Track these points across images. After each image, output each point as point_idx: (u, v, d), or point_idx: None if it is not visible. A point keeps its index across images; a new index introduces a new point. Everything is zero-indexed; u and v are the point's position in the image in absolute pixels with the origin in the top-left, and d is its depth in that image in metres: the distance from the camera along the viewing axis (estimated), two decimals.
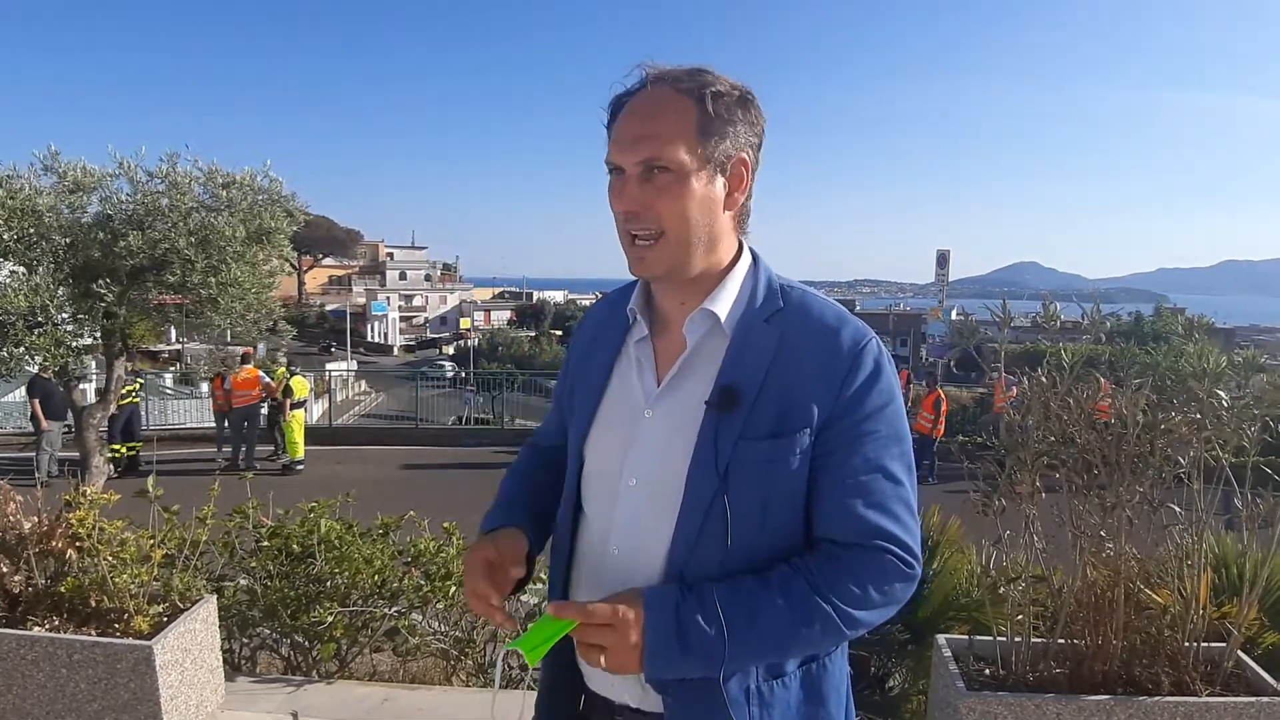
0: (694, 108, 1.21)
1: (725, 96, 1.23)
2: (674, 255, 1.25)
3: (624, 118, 1.24)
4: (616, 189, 1.24)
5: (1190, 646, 2.50)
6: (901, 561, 1.22)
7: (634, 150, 1.21)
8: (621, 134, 1.23)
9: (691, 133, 1.21)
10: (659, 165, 1.21)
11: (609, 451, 1.34)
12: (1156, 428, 2.44)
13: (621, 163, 1.23)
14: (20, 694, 3.06)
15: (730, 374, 1.25)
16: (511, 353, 43.30)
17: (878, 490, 1.23)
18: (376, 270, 78.28)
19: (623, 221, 1.25)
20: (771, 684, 1.26)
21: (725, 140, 1.23)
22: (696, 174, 1.22)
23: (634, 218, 1.23)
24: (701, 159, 1.22)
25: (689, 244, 1.25)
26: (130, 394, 13.13)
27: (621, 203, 1.23)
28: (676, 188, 1.21)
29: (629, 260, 1.28)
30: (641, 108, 1.23)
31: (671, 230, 1.23)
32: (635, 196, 1.22)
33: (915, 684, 3.62)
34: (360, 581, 3.94)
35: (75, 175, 8.02)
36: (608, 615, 1.16)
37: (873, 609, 1.22)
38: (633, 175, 1.22)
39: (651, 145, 1.20)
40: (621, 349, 1.40)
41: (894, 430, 1.26)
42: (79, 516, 3.26)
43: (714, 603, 1.18)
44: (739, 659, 1.19)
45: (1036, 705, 2.44)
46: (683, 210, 1.22)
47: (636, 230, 1.24)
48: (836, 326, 1.26)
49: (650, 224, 1.23)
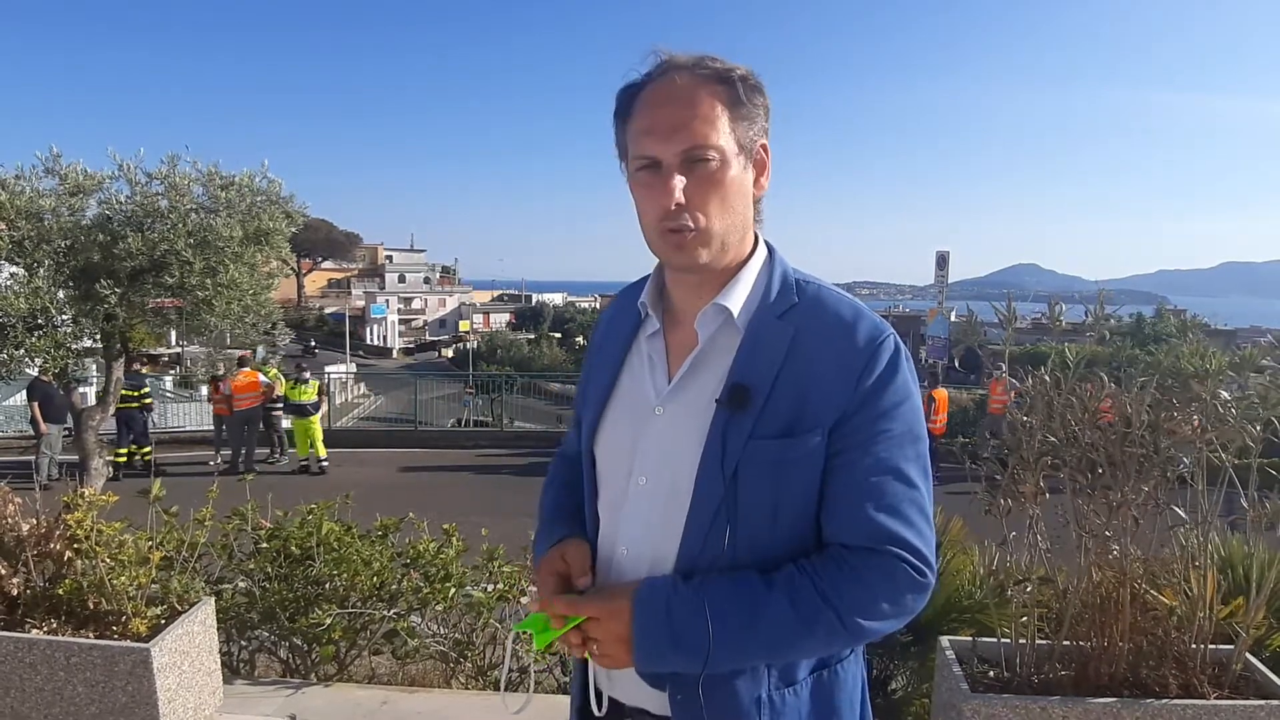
0: (726, 93, 1.17)
1: (750, 81, 1.19)
2: (715, 246, 1.21)
3: (654, 107, 1.18)
4: (654, 182, 1.17)
5: (1197, 648, 2.49)
6: (914, 569, 1.17)
7: (674, 140, 1.16)
8: (655, 124, 1.17)
9: (727, 119, 1.17)
10: (700, 155, 1.16)
11: (619, 449, 1.31)
12: (1160, 427, 2.43)
13: (660, 154, 1.16)
14: (18, 697, 3.04)
15: (742, 371, 1.21)
16: (511, 355, 43.28)
17: (890, 492, 1.18)
18: (375, 273, 78.29)
19: (661, 216, 1.18)
20: (783, 692, 1.23)
21: (754, 126, 1.20)
22: (733, 162, 1.18)
23: (679, 212, 1.17)
24: (735, 147, 1.18)
25: (728, 234, 1.21)
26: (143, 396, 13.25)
27: (665, 197, 1.16)
28: (721, 177, 1.17)
29: (667, 253, 1.22)
30: (672, 96, 1.17)
31: (715, 221, 1.19)
32: (680, 189, 1.16)
33: (918, 687, 3.60)
34: (359, 583, 3.92)
35: (76, 178, 8.02)
36: (594, 610, 1.16)
37: (881, 619, 1.18)
38: (673, 166, 1.16)
39: (691, 134, 1.15)
40: (633, 344, 1.36)
41: (910, 429, 1.21)
42: (77, 518, 3.24)
43: (712, 597, 1.15)
44: (734, 658, 1.16)
45: (1042, 708, 2.41)
46: (726, 199, 1.18)
47: (678, 225, 1.18)
48: (852, 321, 1.21)
49: (696, 215, 1.17)
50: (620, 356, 1.36)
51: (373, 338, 62.92)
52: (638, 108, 1.20)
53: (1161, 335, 28.29)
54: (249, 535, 4.19)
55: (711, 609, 1.14)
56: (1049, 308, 5.43)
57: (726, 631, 1.14)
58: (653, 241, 1.23)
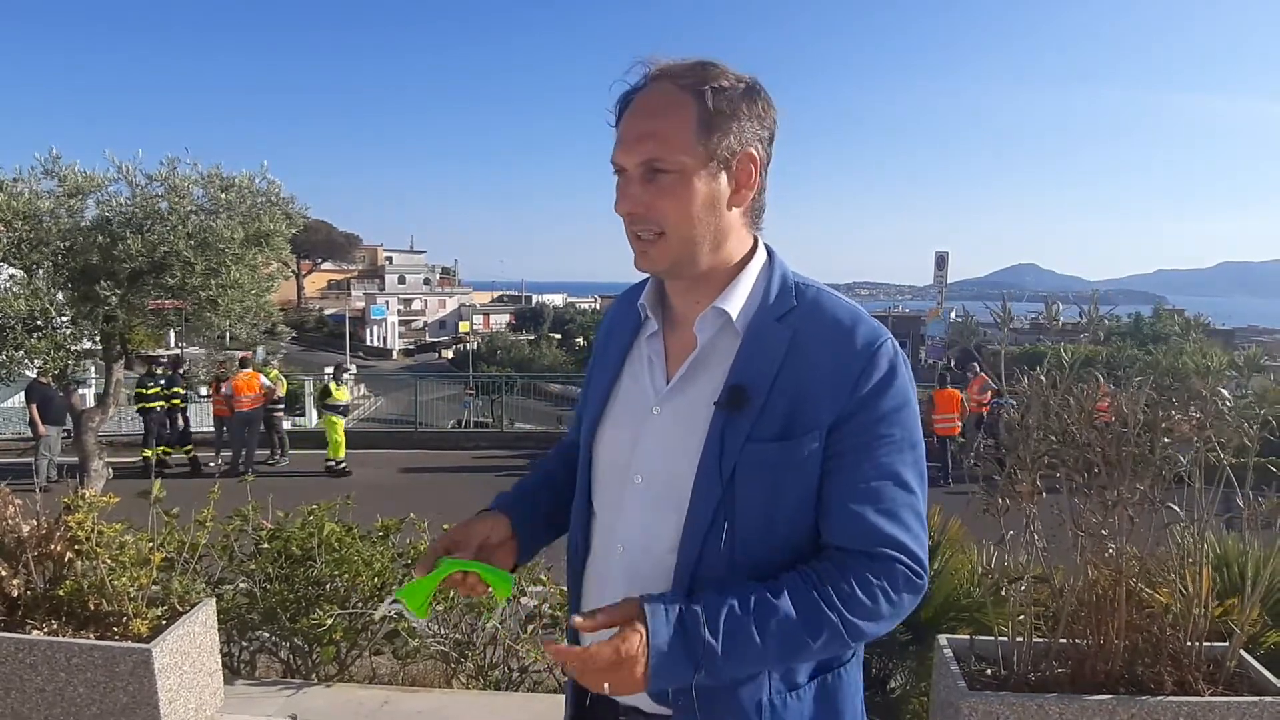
0: (694, 105, 1.19)
1: (728, 91, 1.21)
2: (676, 252, 1.24)
3: (626, 117, 1.23)
4: (620, 189, 1.24)
5: (1193, 646, 2.49)
6: (911, 572, 1.20)
7: (635, 151, 1.21)
8: (623, 134, 1.23)
9: (691, 131, 1.19)
10: (659, 165, 1.20)
11: (618, 448, 1.33)
12: (1158, 426, 2.44)
13: (623, 163, 1.22)
14: (19, 698, 3.05)
15: (740, 374, 1.23)
16: (511, 356, 43.27)
17: (888, 497, 1.20)
18: (375, 274, 78.25)
19: (626, 222, 1.25)
20: (785, 696, 1.24)
21: (729, 136, 1.21)
22: (698, 173, 1.20)
23: (637, 218, 1.22)
24: (703, 157, 1.20)
25: (693, 242, 1.24)
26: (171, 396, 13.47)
27: (624, 204, 1.23)
28: (678, 188, 1.20)
29: (634, 255, 1.27)
30: (642, 107, 1.22)
31: (673, 229, 1.22)
32: (637, 197, 1.21)
33: (916, 685, 3.62)
34: (360, 584, 3.93)
35: (75, 179, 8.04)
36: (611, 658, 1.11)
37: (879, 620, 1.20)
38: (634, 176, 1.21)
39: (651, 146, 1.19)
40: (633, 346, 1.39)
41: (907, 435, 1.23)
42: (78, 520, 3.25)
43: (718, 615, 1.15)
44: (742, 669, 1.18)
45: (1039, 705, 2.42)
46: (685, 210, 1.21)
47: (639, 230, 1.23)
48: (851, 326, 1.23)
49: (653, 224, 1.22)
50: (621, 357, 1.39)
51: (373, 339, 62.90)
52: (621, 116, 1.25)
53: (1160, 335, 28.31)
54: (250, 536, 4.20)
55: (721, 625, 1.14)
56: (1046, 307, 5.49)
57: (736, 646, 1.14)
58: (629, 242, 1.28)
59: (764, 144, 1.26)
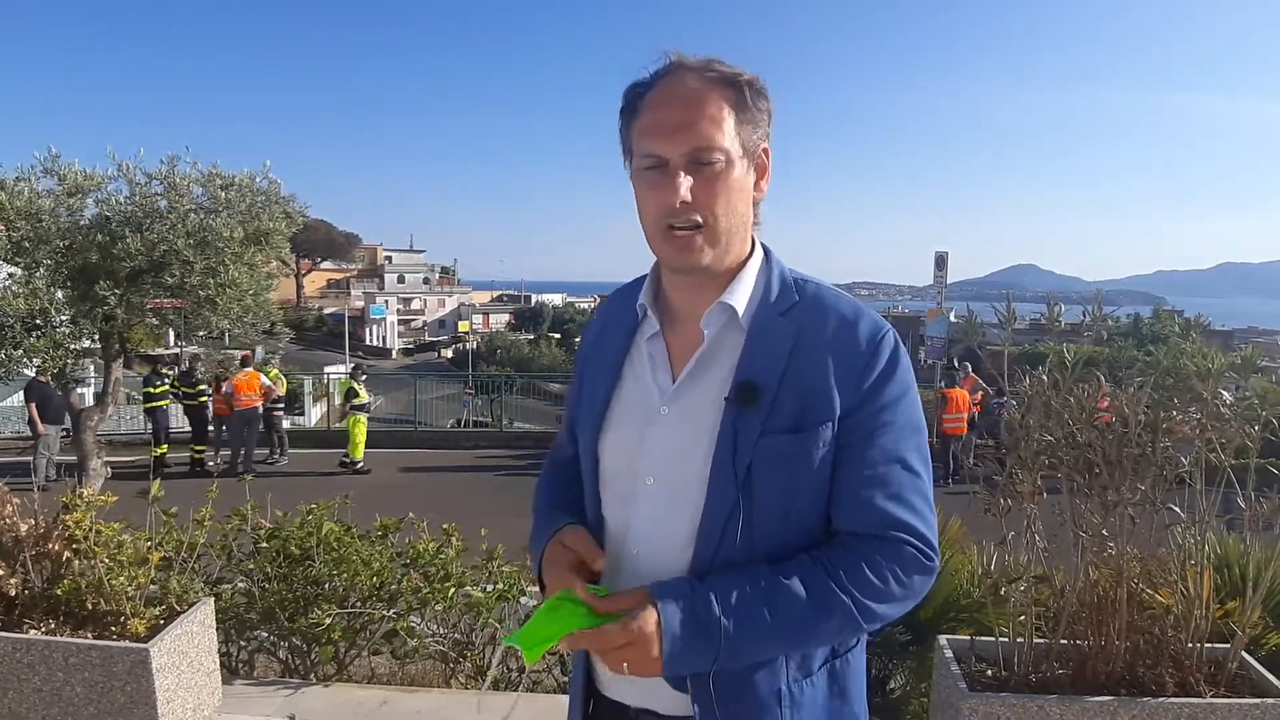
0: (733, 96, 1.19)
1: (754, 85, 1.22)
2: (719, 246, 1.23)
3: (660, 107, 1.20)
4: (659, 181, 1.19)
5: (1194, 647, 2.49)
6: (920, 554, 1.22)
7: (680, 140, 1.17)
8: (661, 123, 1.19)
9: (733, 121, 1.19)
10: (705, 157, 1.17)
11: (625, 451, 1.31)
12: (1158, 427, 2.43)
13: (666, 153, 1.18)
14: (16, 698, 3.04)
15: (749, 369, 1.23)
16: (510, 356, 43.27)
17: (895, 481, 1.22)
18: (375, 274, 78.20)
19: (665, 214, 1.20)
20: (801, 684, 1.26)
21: (757, 130, 1.22)
22: (738, 164, 1.20)
23: (685, 210, 1.18)
24: (740, 149, 1.20)
25: (730, 233, 1.23)
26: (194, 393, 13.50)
27: (670, 195, 1.17)
28: (725, 178, 1.19)
29: (668, 252, 1.23)
30: (679, 97, 1.19)
31: (719, 220, 1.20)
32: (685, 188, 1.17)
33: (917, 686, 3.61)
34: (359, 583, 3.92)
35: (75, 178, 8.03)
36: (624, 636, 1.13)
37: (891, 602, 1.21)
38: (679, 165, 1.18)
39: (697, 135, 1.17)
40: (631, 346, 1.36)
41: (911, 421, 1.25)
42: (76, 519, 3.24)
43: (730, 594, 1.16)
44: (756, 651, 1.18)
45: (1039, 706, 2.42)
46: (730, 200, 1.20)
47: (681, 223, 1.19)
48: (854, 319, 1.25)
49: (698, 215, 1.19)
50: (619, 358, 1.37)
51: (372, 338, 62.87)
52: (645, 106, 1.21)
53: (1159, 336, 28.35)
54: (248, 536, 4.19)
55: (733, 605, 1.16)
56: (1048, 308, 5.38)
57: (749, 626, 1.15)
58: (653, 239, 1.24)
59: (769, 140, 1.27)
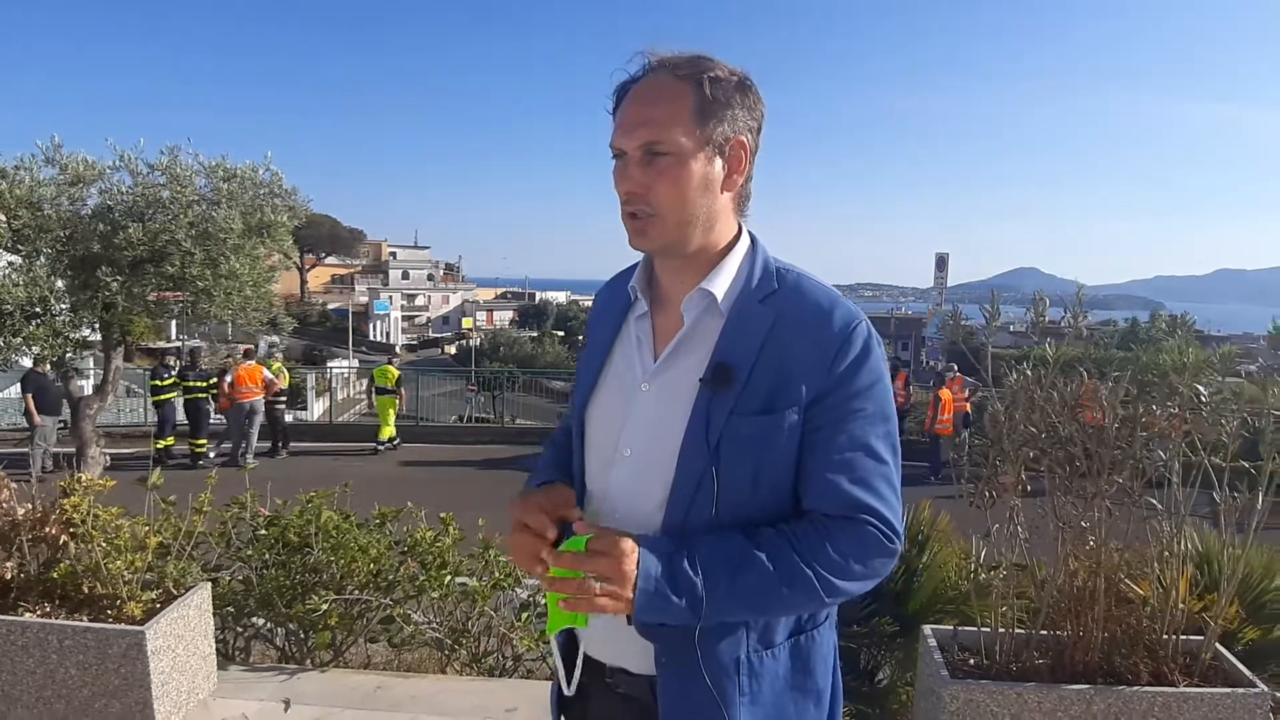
0: (692, 92, 1.27)
1: (723, 82, 1.28)
2: (671, 232, 1.30)
3: (626, 104, 1.30)
4: (619, 171, 1.30)
5: (1169, 638, 2.53)
6: (883, 535, 1.27)
7: (634, 134, 1.27)
8: (623, 119, 1.29)
9: (689, 117, 1.26)
10: (658, 148, 1.26)
11: (607, 423, 1.40)
12: (1137, 420, 2.47)
13: (623, 146, 1.29)
14: (9, 679, 3.08)
15: (725, 352, 1.30)
16: (514, 353, 43.29)
17: (861, 467, 1.27)
18: (379, 270, 78.25)
19: (624, 202, 1.31)
20: (762, 654, 1.31)
21: (723, 124, 1.28)
22: (695, 156, 1.27)
23: (634, 198, 1.29)
24: (700, 141, 1.27)
25: (686, 222, 1.30)
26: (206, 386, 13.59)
27: (624, 184, 1.29)
28: (675, 170, 1.27)
29: (628, 235, 1.33)
30: (642, 94, 1.29)
31: (669, 210, 1.28)
32: (636, 178, 1.28)
33: (903, 676, 3.65)
34: (356, 571, 3.95)
35: (76, 168, 8.07)
36: (607, 544, 1.19)
37: (852, 579, 1.27)
38: (634, 158, 1.28)
39: (651, 129, 1.26)
40: (623, 325, 1.46)
41: (880, 409, 1.30)
42: (73, 503, 3.27)
43: (702, 552, 1.22)
44: (720, 610, 1.23)
45: (1018, 694, 2.46)
46: (681, 191, 1.28)
47: (635, 209, 1.29)
48: (829, 308, 1.30)
49: (649, 204, 1.28)
50: (611, 337, 1.46)
51: (376, 334, 62.95)
52: (619, 104, 1.32)
53: (1154, 339, 28.36)
54: (247, 524, 4.22)
55: (703, 562, 1.22)
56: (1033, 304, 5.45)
57: (717, 583, 1.21)
58: (625, 225, 1.33)
59: (753, 134, 1.33)
